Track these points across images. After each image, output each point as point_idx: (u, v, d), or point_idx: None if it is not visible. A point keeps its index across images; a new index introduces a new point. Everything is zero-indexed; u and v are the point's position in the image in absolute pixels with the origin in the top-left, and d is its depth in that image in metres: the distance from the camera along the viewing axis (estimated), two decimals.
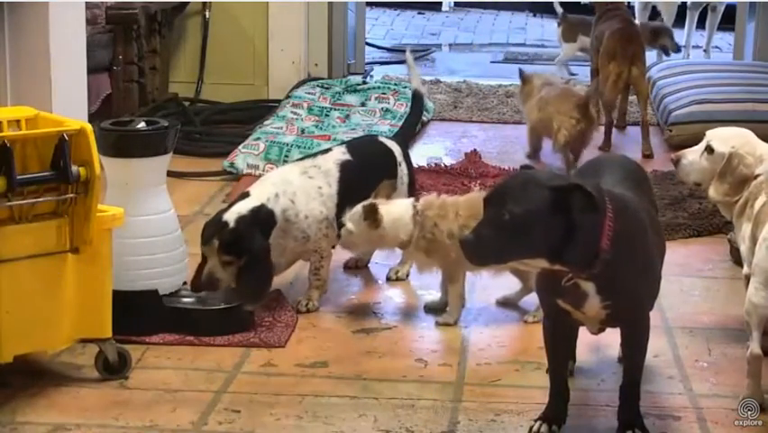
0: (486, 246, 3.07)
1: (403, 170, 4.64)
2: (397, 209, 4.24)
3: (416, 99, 5.05)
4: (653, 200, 3.64)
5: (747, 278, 3.74)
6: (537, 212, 3.02)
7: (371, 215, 4.20)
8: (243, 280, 4.08)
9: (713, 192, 4.01)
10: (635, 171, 3.62)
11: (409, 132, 4.94)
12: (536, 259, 3.11)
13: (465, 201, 4.25)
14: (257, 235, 4.12)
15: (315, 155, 4.55)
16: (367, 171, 4.48)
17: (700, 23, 9.75)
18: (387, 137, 4.89)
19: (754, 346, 3.49)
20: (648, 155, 6.51)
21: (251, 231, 4.10)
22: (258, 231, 4.13)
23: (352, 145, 4.60)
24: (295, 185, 4.28)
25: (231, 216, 4.11)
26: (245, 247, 4.07)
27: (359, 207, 4.23)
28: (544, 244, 3.06)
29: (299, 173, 4.34)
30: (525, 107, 6.39)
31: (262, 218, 4.16)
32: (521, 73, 6.43)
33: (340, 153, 4.47)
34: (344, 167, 4.40)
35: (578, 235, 3.04)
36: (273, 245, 4.18)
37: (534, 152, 6.36)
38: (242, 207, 4.14)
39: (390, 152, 4.63)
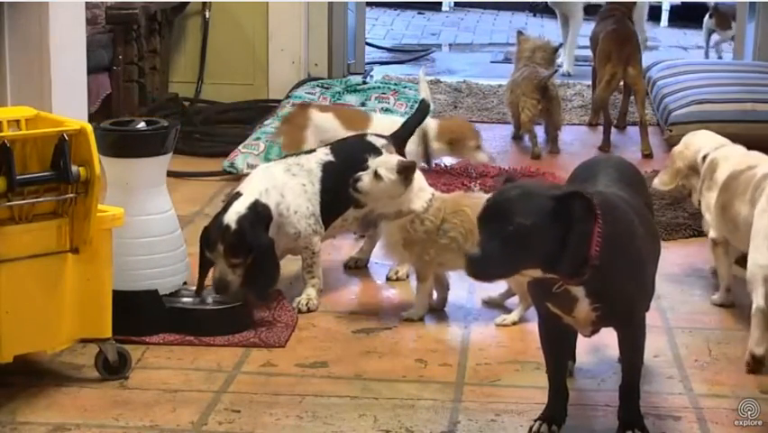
0: (493, 261, 3.02)
1: None
2: (424, 183, 4.27)
3: (422, 105, 5.09)
4: (648, 202, 3.62)
5: (714, 242, 4.37)
6: (542, 222, 3.00)
7: (407, 171, 4.19)
8: (252, 278, 4.09)
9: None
10: (631, 173, 3.60)
11: (407, 132, 4.96)
12: (532, 270, 3.10)
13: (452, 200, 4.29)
14: (260, 232, 4.13)
15: (298, 154, 4.58)
16: (351, 171, 4.47)
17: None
18: (380, 136, 4.89)
19: (760, 301, 3.59)
20: (648, 155, 6.51)
21: (254, 228, 4.11)
22: (259, 227, 4.14)
23: (336, 146, 4.62)
24: (280, 181, 4.30)
25: (231, 218, 4.11)
26: (251, 245, 4.08)
27: (394, 158, 4.25)
28: (543, 254, 3.04)
29: (283, 170, 4.36)
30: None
31: (261, 213, 4.17)
32: (518, 33, 7.06)
33: (323, 154, 4.49)
34: (326, 167, 4.42)
35: (570, 244, 3.03)
36: None
37: (518, 131, 6.80)
38: (240, 207, 4.15)
39: (378, 150, 4.62)
